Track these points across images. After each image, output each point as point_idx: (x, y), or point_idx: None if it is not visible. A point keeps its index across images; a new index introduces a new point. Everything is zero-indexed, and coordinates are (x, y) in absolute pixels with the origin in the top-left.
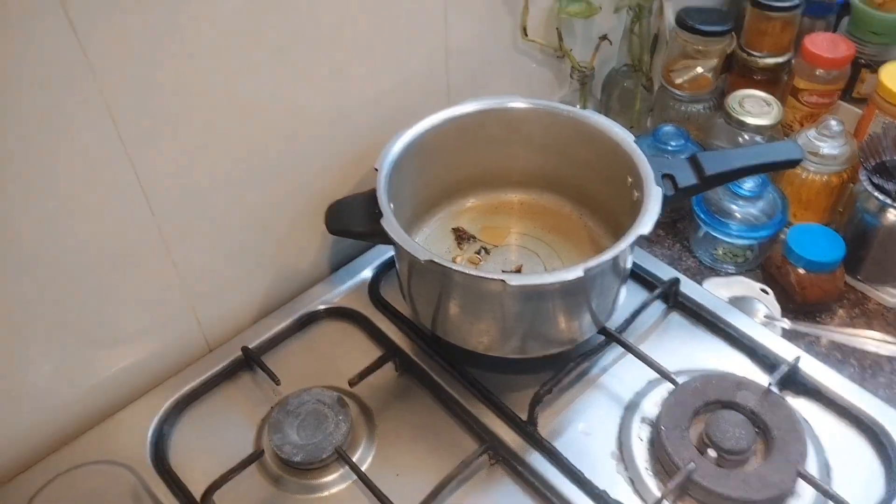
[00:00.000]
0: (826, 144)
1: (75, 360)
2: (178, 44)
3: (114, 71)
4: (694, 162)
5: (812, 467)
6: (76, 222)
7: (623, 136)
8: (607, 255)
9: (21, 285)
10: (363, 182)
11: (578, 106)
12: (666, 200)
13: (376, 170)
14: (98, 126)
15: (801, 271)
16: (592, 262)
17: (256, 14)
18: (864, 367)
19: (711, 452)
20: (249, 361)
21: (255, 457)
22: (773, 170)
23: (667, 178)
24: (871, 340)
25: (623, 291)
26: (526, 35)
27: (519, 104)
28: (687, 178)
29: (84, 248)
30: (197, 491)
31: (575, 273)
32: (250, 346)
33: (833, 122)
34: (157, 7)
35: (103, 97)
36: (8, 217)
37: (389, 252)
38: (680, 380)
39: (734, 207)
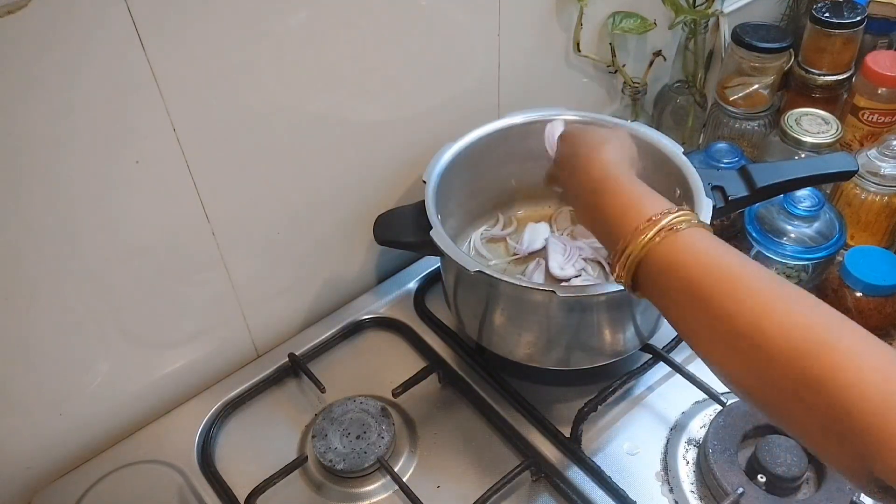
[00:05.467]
0: (887, 164)
1: (130, 362)
2: (238, 60)
3: (175, 80)
4: (744, 174)
5: (867, 498)
6: (135, 227)
7: (671, 147)
8: None
9: (82, 288)
10: (411, 193)
11: (629, 121)
12: (716, 212)
13: (424, 182)
14: (159, 134)
15: (859, 295)
16: None
17: (314, 33)
18: None
19: (761, 478)
20: (296, 368)
21: (299, 463)
22: (825, 182)
23: (716, 189)
24: None
25: None
26: (579, 50)
27: (566, 116)
28: (737, 189)
29: (142, 253)
30: (241, 494)
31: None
32: (297, 353)
33: (895, 142)
34: (220, 25)
35: (165, 106)
36: (70, 222)
37: (435, 264)
38: (728, 401)
39: (789, 227)
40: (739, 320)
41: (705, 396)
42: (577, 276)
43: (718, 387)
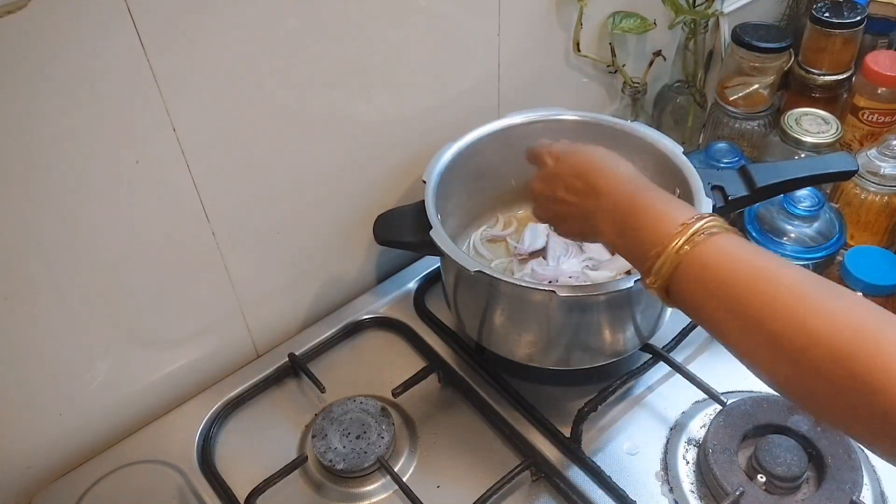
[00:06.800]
0: (887, 164)
1: (130, 362)
2: (238, 60)
3: (175, 80)
4: (744, 173)
5: (867, 498)
6: (135, 227)
7: (671, 147)
8: None
9: (82, 288)
10: (411, 193)
11: (629, 121)
12: (716, 212)
13: (424, 182)
14: (160, 135)
15: (860, 295)
16: None
17: (315, 33)
18: None
19: (761, 478)
20: (296, 368)
21: (299, 463)
22: (825, 181)
23: (716, 189)
24: None
25: (669, 308)
26: (578, 50)
27: (566, 116)
28: (737, 189)
29: (142, 253)
30: (241, 494)
31: (625, 284)
32: (297, 353)
33: (895, 142)
34: (220, 25)
35: (165, 106)
36: (70, 222)
37: (434, 264)
38: (728, 401)
39: (789, 227)
40: (783, 322)
41: (705, 396)
42: (576, 275)
43: (718, 387)
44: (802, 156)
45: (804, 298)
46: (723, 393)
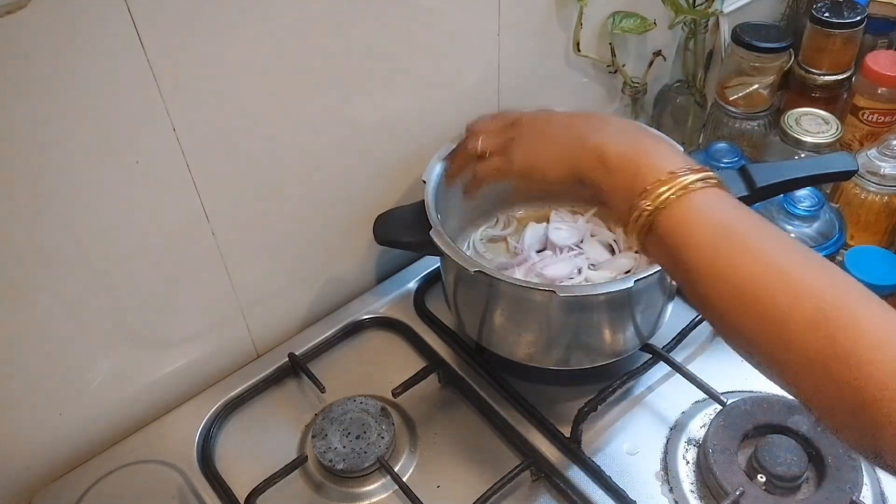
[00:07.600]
0: (887, 164)
1: (130, 361)
2: (238, 60)
3: (175, 80)
4: (744, 173)
5: (867, 497)
6: (136, 227)
7: None
8: (657, 267)
9: (82, 288)
10: (411, 193)
11: None
12: None
13: (424, 182)
14: (160, 135)
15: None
16: (642, 274)
17: (314, 32)
18: None
19: (761, 478)
20: (296, 368)
21: (298, 463)
22: (825, 181)
23: None
24: None
25: (669, 308)
26: (578, 50)
27: None
28: (737, 189)
29: (142, 253)
30: (241, 494)
31: (625, 284)
32: (297, 353)
33: (895, 142)
34: (219, 24)
35: (165, 106)
36: (70, 222)
37: (434, 264)
38: (728, 401)
39: (789, 227)
40: (757, 283)
41: (705, 396)
42: (575, 275)
43: (718, 387)
44: (802, 156)
45: (780, 259)
46: (723, 393)
